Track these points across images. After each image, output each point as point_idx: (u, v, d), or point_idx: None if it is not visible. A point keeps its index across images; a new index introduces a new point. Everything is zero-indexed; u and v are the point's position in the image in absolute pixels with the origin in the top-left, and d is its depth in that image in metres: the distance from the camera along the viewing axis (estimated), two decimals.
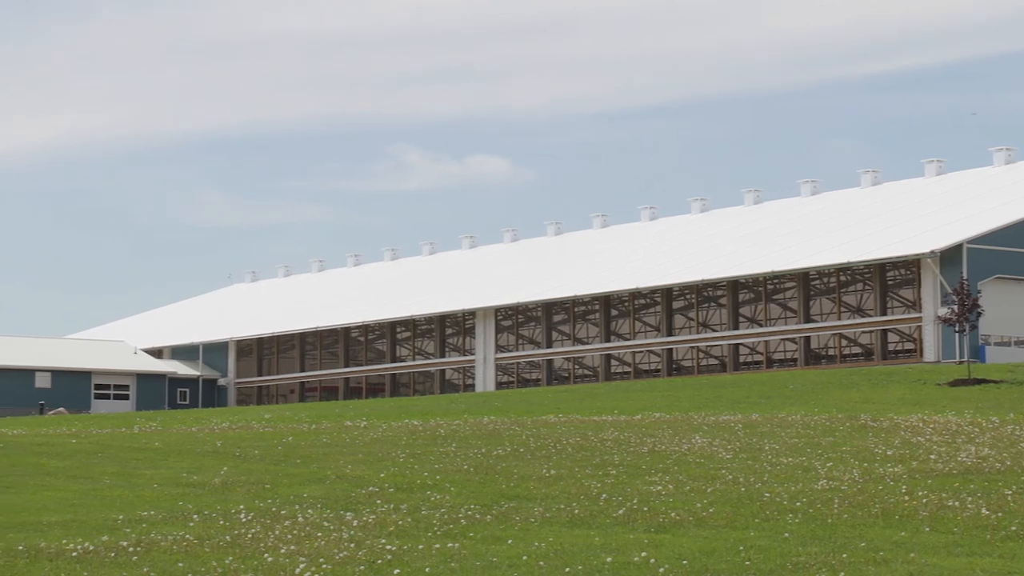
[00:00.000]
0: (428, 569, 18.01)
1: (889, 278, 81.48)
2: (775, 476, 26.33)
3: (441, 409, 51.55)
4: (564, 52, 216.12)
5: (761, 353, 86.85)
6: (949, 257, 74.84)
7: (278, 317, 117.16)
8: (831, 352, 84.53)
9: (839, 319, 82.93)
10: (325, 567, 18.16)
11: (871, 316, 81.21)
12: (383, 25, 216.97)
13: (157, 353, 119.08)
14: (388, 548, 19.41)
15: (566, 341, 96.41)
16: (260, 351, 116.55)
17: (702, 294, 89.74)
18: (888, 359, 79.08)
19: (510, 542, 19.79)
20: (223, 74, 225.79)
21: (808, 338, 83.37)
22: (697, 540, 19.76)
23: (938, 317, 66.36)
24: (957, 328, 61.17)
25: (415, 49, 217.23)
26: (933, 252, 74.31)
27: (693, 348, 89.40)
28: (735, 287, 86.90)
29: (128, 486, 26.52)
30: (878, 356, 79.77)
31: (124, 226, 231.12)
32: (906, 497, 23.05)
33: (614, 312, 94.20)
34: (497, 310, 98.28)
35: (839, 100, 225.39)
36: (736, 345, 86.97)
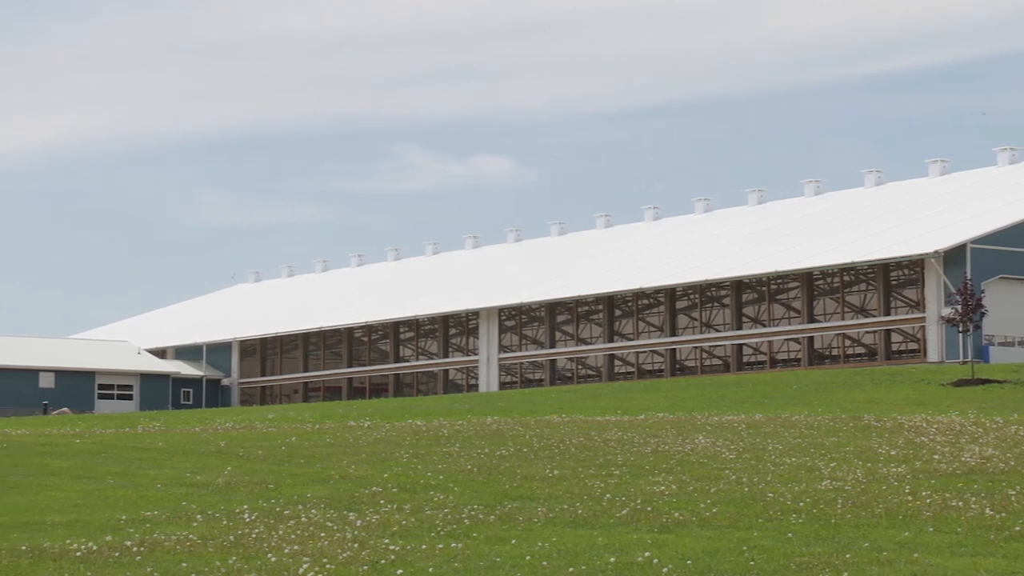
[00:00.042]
0: (431, 569, 18.01)
1: (893, 278, 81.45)
2: (779, 476, 26.32)
3: (444, 409, 51.55)
4: (564, 52, 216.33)
5: (765, 353, 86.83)
6: (953, 257, 74.80)
7: (282, 317, 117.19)
8: (835, 352, 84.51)
9: (843, 319, 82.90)
10: (328, 567, 18.16)
11: (875, 316, 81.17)
12: (383, 25, 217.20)
13: (161, 353, 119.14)
14: (391, 548, 19.41)
15: (569, 341, 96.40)
16: (264, 351, 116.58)
17: (706, 294, 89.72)
18: (892, 359, 79.05)
19: (513, 542, 19.79)
20: (223, 74, 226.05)
21: (812, 338, 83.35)
22: (701, 540, 19.75)
23: (942, 317, 66.38)
24: (961, 328, 61.16)
25: (415, 49, 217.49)
26: (937, 252, 74.28)
27: (697, 348, 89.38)
28: (739, 287, 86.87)
29: (132, 486, 26.53)
30: (882, 356, 79.73)
31: (125, 226, 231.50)
32: (910, 497, 23.04)
33: (618, 312, 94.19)
34: (501, 310, 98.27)
35: (839, 100, 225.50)
36: (740, 345, 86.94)
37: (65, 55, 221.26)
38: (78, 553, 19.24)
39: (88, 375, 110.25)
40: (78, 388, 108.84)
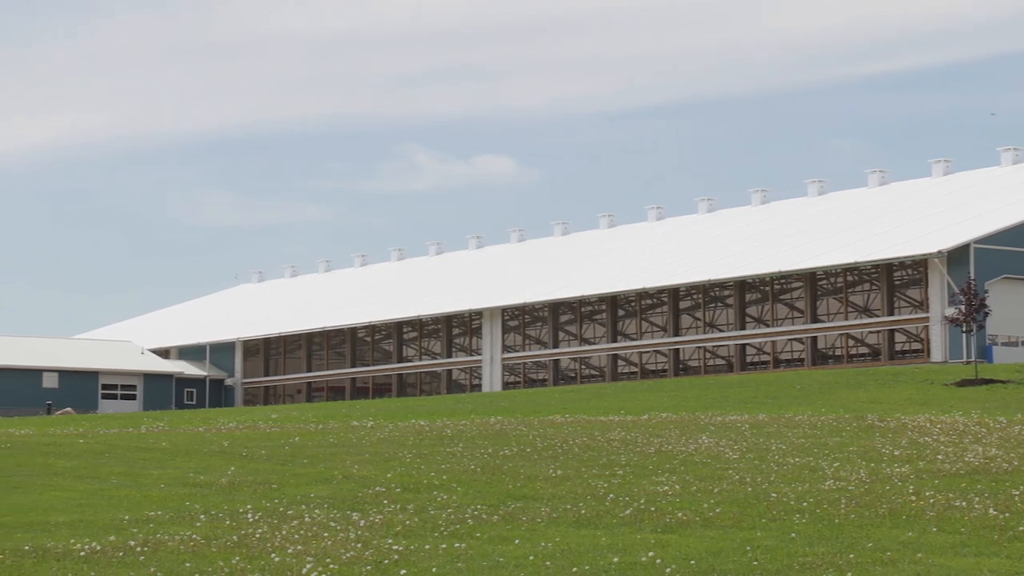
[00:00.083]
0: (435, 569, 18.01)
1: (896, 278, 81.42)
2: (782, 476, 26.31)
3: (448, 409, 51.56)
4: (564, 52, 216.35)
5: (768, 353, 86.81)
6: (956, 257, 74.77)
7: (285, 317, 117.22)
8: (838, 352, 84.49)
9: (846, 319, 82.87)
10: (332, 567, 18.16)
11: (878, 316, 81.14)
12: (383, 25, 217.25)
13: (164, 353, 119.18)
14: (395, 548, 19.42)
15: (573, 341, 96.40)
16: (267, 351, 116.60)
17: (709, 294, 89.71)
18: (895, 359, 79.02)
19: (517, 542, 19.79)
20: (224, 74, 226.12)
21: (815, 338, 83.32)
22: (704, 540, 19.75)
23: (945, 317, 66.33)
24: (964, 328, 61.15)
25: (416, 49, 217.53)
26: (940, 252, 74.25)
27: (700, 348, 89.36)
28: (742, 287, 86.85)
29: (135, 486, 26.54)
30: (885, 356, 79.71)
31: (127, 227, 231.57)
32: (913, 497, 23.03)
33: (621, 312, 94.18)
34: (504, 310, 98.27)
35: (839, 100, 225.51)
36: (743, 345, 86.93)
37: (65, 55, 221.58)
38: (82, 553, 19.24)
39: (92, 375, 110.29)
40: (82, 388, 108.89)
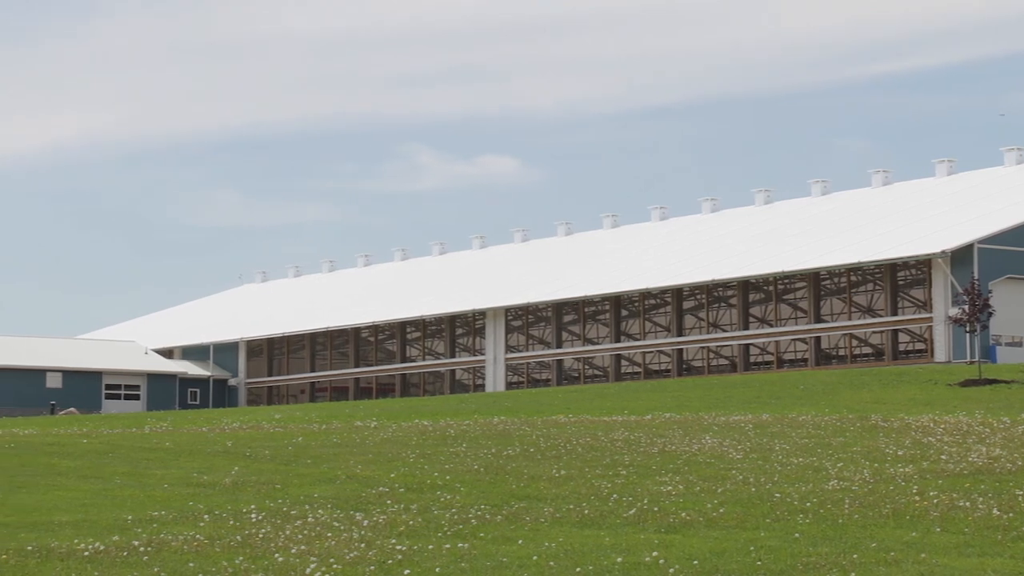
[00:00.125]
0: (438, 569, 18.02)
1: (900, 278, 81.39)
2: (785, 476, 26.31)
3: (451, 409, 51.56)
4: (565, 52, 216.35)
5: (772, 353, 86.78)
6: (960, 257, 74.75)
7: (288, 317, 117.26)
8: (842, 352, 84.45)
9: (850, 319, 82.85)
10: (335, 567, 18.17)
11: (882, 316, 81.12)
12: (383, 25, 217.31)
13: (168, 353, 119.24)
14: (398, 548, 19.42)
15: (576, 341, 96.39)
16: (271, 351, 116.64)
17: (712, 294, 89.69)
18: (899, 359, 78.99)
19: (520, 542, 19.79)
20: (225, 74, 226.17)
21: (819, 338, 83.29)
22: (707, 540, 19.75)
23: (949, 317, 66.26)
24: (968, 328, 61.10)
25: (417, 49, 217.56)
26: (944, 252, 74.23)
27: (703, 348, 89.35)
28: (745, 287, 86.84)
29: (139, 486, 26.55)
30: (889, 356, 79.68)
31: (129, 227, 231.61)
32: (917, 497, 23.02)
33: (624, 312, 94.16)
34: (507, 310, 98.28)
35: (840, 100, 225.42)
36: (746, 345, 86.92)
37: (67, 55, 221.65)
38: (85, 553, 19.25)
39: (95, 375, 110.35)
40: (85, 388, 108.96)
